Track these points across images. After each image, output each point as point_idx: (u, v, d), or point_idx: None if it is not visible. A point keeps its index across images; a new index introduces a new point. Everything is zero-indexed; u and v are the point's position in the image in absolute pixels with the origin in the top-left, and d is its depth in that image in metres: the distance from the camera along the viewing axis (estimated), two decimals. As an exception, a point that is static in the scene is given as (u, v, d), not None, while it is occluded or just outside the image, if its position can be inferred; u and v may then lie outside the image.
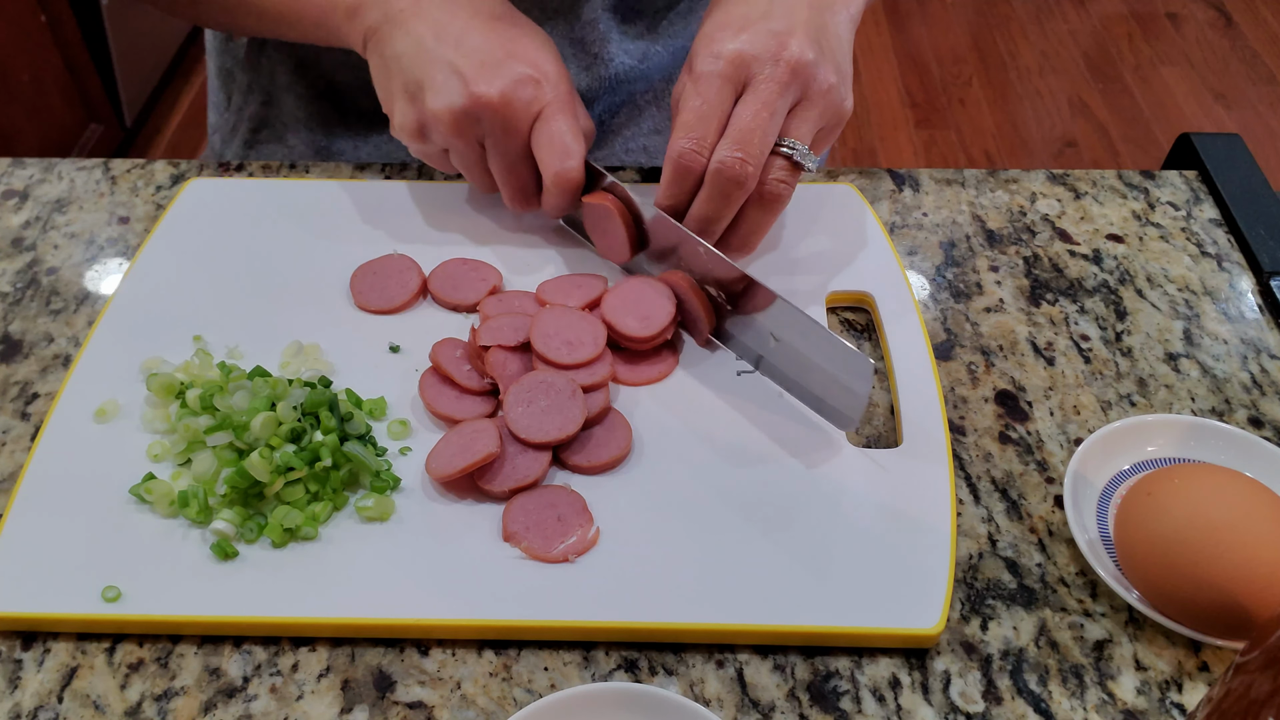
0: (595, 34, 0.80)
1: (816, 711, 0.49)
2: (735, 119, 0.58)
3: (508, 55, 0.61)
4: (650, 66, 0.84)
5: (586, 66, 0.82)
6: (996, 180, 0.77)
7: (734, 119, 0.58)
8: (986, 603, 0.53)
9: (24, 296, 0.68)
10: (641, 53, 0.83)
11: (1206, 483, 0.51)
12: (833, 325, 0.66)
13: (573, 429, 0.56)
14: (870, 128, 2.43)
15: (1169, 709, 0.49)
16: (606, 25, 0.80)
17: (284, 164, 0.77)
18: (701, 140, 0.58)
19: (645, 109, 0.87)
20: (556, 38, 0.80)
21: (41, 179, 0.76)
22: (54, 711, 0.49)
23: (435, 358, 0.61)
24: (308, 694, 0.50)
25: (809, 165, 0.60)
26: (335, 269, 0.68)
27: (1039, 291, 0.69)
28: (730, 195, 0.58)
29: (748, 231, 0.62)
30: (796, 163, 0.60)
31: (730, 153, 0.57)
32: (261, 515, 0.54)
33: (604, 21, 0.80)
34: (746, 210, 0.61)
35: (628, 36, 0.82)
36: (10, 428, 0.61)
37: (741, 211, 0.61)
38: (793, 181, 0.60)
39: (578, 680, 0.50)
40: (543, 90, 0.61)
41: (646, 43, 0.83)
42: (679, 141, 0.59)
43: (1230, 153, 0.78)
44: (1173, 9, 2.78)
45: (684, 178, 0.59)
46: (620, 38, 0.82)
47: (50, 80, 1.94)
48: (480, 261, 0.68)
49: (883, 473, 0.57)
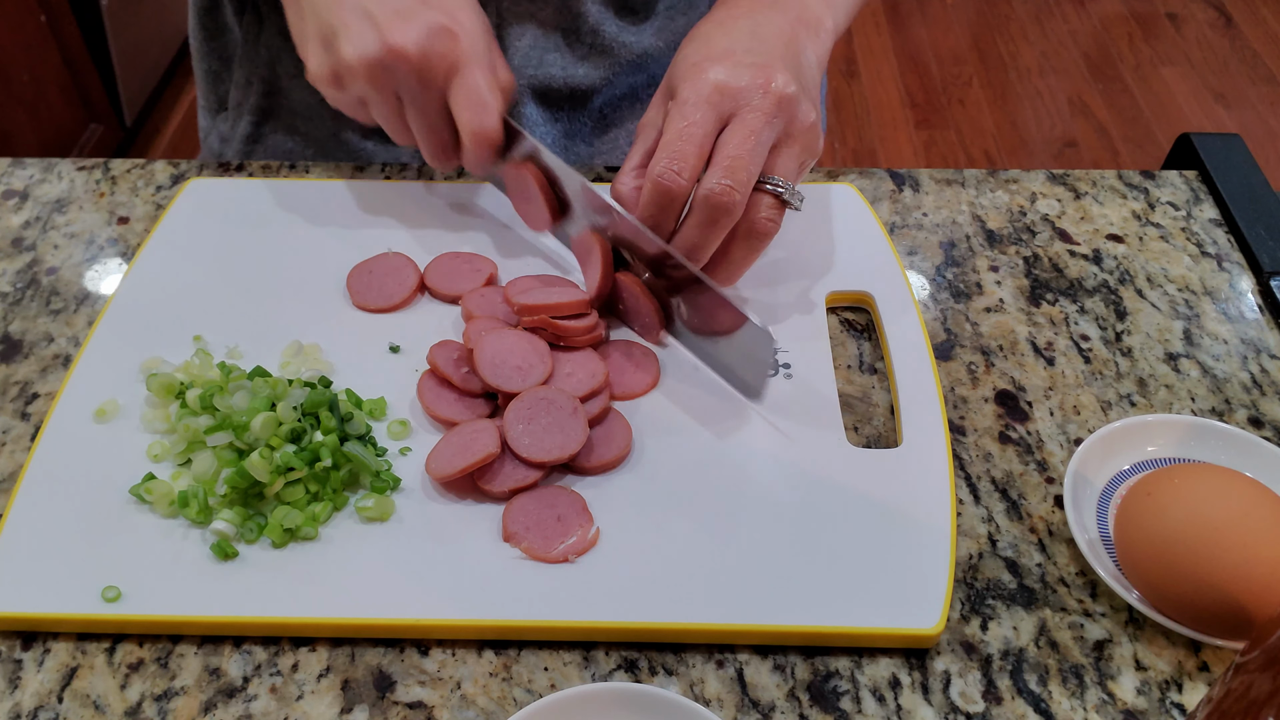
0: (589, 25, 0.80)
1: (816, 711, 0.49)
2: (722, 147, 0.58)
3: (423, 4, 0.60)
4: (649, 59, 0.84)
5: (584, 57, 0.82)
6: (996, 180, 0.77)
7: (721, 146, 0.58)
8: (986, 603, 0.53)
9: (24, 296, 0.68)
10: (640, 43, 0.83)
11: (1206, 483, 0.51)
12: (833, 325, 0.66)
13: (574, 448, 0.56)
14: (870, 128, 2.43)
15: (1169, 709, 0.49)
16: (603, 17, 0.81)
17: (284, 164, 0.77)
18: (683, 162, 0.57)
19: (645, 101, 0.87)
20: (551, 29, 0.80)
21: (41, 179, 0.76)
22: (54, 711, 0.49)
23: (433, 360, 0.61)
24: (308, 694, 0.50)
25: (795, 204, 0.60)
26: (336, 269, 0.68)
27: (1039, 291, 0.69)
28: (718, 222, 0.58)
29: (732, 265, 0.61)
30: (785, 200, 0.60)
31: (719, 180, 0.57)
32: (261, 515, 0.54)
33: (600, 13, 0.80)
34: (733, 244, 0.60)
35: (626, 29, 0.83)
36: (10, 428, 0.61)
37: (727, 245, 0.60)
38: (779, 219, 0.60)
39: (578, 680, 0.50)
40: (459, 42, 0.60)
41: (644, 35, 0.84)
42: (660, 164, 0.58)
43: (1230, 153, 0.78)
44: (1173, 9, 2.78)
45: (662, 200, 0.58)
46: (618, 30, 0.82)
47: (50, 80, 1.94)
48: (474, 254, 0.68)
49: (883, 473, 0.57)
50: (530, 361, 0.59)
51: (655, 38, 0.84)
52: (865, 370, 0.64)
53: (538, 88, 0.82)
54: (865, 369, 0.64)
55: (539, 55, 0.81)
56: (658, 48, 0.84)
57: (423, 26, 0.59)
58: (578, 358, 0.61)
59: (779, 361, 0.62)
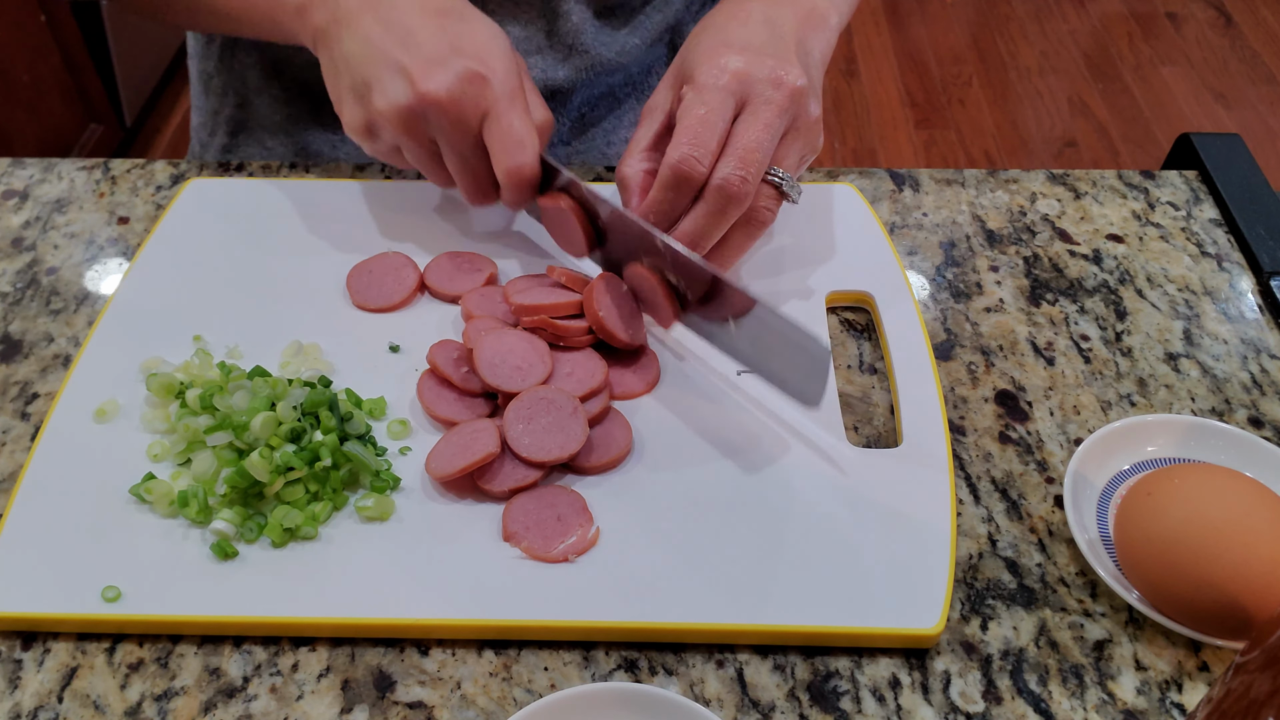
0: (570, 26, 0.80)
1: (816, 711, 0.49)
2: (736, 137, 0.58)
3: (453, 51, 0.60)
4: (628, 59, 0.84)
5: (564, 58, 0.82)
6: (996, 180, 0.77)
7: (735, 136, 0.58)
8: (986, 603, 0.53)
9: (24, 296, 0.68)
10: (619, 45, 0.83)
11: (1206, 483, 0.51)
12: (833, 325, 0.66)
13: (574, 447, 0.56)
14: (870, 128, 2.43)
15: (1169, 709, 0.49)
16: (582, 17, 0.81)
17: (284, 164, 0.77)
18: (704, 149, 0.58)
19: (625, 101, 0.87)
20: (532, 30, 0.80)
21: (41, 179, 0.76)
22: (54, 711, 0.49)
23: (432, 360, 0.61)
24: (308, 694, 0.50)
25: (794, 197, 0.60)
26: (335, 268, 0.68)
27: (1039, 291, 0.69)
28: (726, 212, 0.58)
29: (729, 252, 0.61)
30: (784, 192, 0.60)
31: (733, 170, 0.57)
32: (261, 515, 0.54)
33: (579, 13, 0.80)
34: (731, 231, 0.60)
35: (604, 29, 0.83)
36: (10, 428, 0.61)
37: (726, 232, 0.61)
38: (776, 210, 0.60)
39: (578, 680, 0.50)
40: (490, 86, 0.60)
41: (623, 34, 0.84)
42: (681, 148, 0.58)
43: (1230, 153, 0.78)
44: (1173, 9, 2.78)
45: (680, 184, 0.58)
46: (596, 30, 0.82)
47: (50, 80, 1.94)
48: (474, 254, 0.68)
49: (883, 473, 0.57)
50: (530, 361, 0.59)
51: (632, 35, 0.84)
52: (865, 370, 0.64)
53: None
54: (865, 369, 0.64)
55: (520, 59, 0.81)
56: (635, 45, 0.84)
57: (454, 73, 0.60)
58: (577, 358, 0.61)
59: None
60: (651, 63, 0.88)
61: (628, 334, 0.61)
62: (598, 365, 0.60)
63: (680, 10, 0.87)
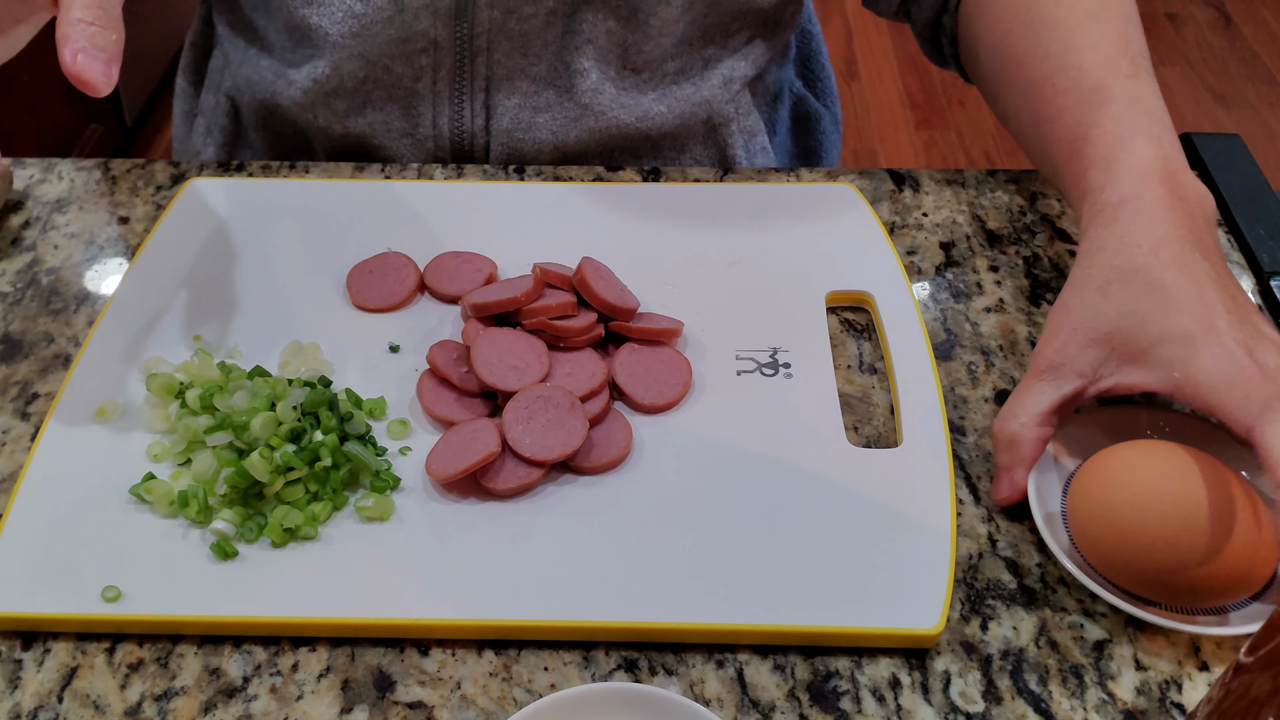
0: (587, 85, 0.75)
1: (816, 711, 0.49)
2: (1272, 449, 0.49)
3: None
4: (651, 127, 0.78)
5: (575, 119, 0.77)
6: (996, 180, 0.77)
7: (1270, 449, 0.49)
8: (986, 603, 0.53)
9: (24, 296, 0.68)
10: (642, 109, 0.78)
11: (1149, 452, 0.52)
12: (833, 325, 0.66)
13: (575, 444, 0.56)
14: (870, 128, 2.43)
15: (1169, 709, 0.49)
16: (602, 78, 0.76)
17: (284, 164, 0.77)
18: None
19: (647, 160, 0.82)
20: (543, 87, 0.76)
21: (41, 179, 0.76)
22: (54, 711, 0.49)
23: (432, 360, 0.61)
24: (308, 694, 0.50)
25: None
26: (335, 268, 0.68)
27: (1039, 291, 0.69)
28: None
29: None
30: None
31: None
32: (261, 515, 0.54)
33: (600, 73, 0.75)
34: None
35: (627, 91, 0.77)
36: (10, 428, 0.61)
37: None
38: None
39: (578, 680, 0.50)
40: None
41: (649, 99, 0.78)
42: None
43: (1230, 153, 0.78)
44: (1173, 9, 2.78)
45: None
46: (616, 91, 0.77)
47: (50, 80, 1.94)
48: (474, 254, 0.68)
49: (883, 473, 0.57)
50: (527, 360, 0.59)
51: (658, 103, 0.78)
52: (865, 370, 0.64)
53: (527, 152, 0.78)
54: (865, 369, 0.64)
55: (529, 118, 0.77)
56: (660, 114, 0.78)
57: None
58: (577, 358, 0.61)
59: (779, 361, 0.62)
60: (678, 129, 0.80)
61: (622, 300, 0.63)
62: (598, 365, 0.60)
63: (717, 89, 0.80)
